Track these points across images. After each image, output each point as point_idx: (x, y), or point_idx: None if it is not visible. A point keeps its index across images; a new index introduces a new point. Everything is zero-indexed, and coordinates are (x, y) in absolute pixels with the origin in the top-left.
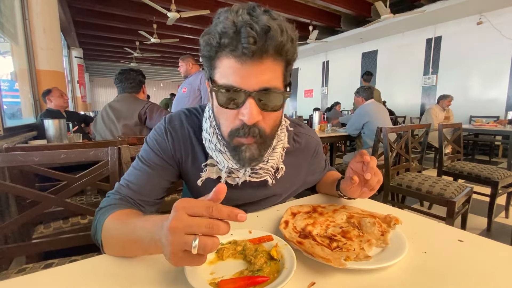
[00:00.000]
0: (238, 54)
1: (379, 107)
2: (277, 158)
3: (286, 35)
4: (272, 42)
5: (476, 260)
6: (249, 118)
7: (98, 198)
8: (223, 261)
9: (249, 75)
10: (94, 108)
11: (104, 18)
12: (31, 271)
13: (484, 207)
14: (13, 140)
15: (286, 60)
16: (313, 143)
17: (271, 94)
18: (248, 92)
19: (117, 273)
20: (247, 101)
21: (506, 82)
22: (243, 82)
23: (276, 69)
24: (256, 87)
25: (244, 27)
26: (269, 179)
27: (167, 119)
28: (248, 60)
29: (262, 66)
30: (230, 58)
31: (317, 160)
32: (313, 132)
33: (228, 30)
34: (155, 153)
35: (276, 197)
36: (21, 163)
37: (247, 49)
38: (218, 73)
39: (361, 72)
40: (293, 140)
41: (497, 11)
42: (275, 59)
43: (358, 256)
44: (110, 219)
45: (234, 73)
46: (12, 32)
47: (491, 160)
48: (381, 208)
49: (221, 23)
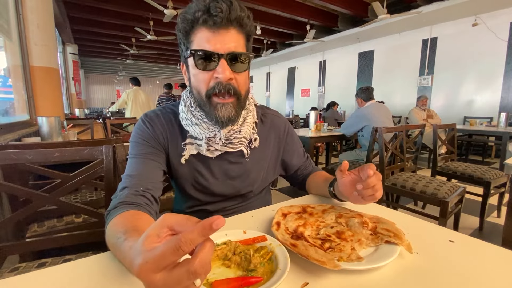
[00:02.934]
0: (209, 24)
1: (380, 109)
2: (249, 129)
3: (245, 11)
4: (234, 13)
5: (466, 260)
6: (224, 75)
7: (93, 196)
8: (217, 262)
9: (220, 41)
10: (89, 105)
11: (100, 14)
12: (24, 270)
13: (477, 207)
14: (6, 138)
15: (246, 33)
16: (280, 121)
17: (238, 55)
18: (220, 54)
19: (111, 273)
20: (220, 62)
21: (499, 84)
22: (215, 47)
23: (239, 38)
24: (226, 50)
25: (212, 2)
26: (244, 150)
27: (143, 115)
28: (217, 29)
29: (229, 34)
30: (204, 30)
31: (290, 140)
32: (280, 114)
33: (200, 7)
34: (141, 144)
35: (251, 173)
36: (14, 161)
37: (216, 17)
38: (195, 44)
39: (357, 71)
40: (260, 120)
41: (492, 13)
42: (238, 31)
43: (350, 257)
44: (115, 223)
45: (208, 41)
46: (5, 27)
47: (484, 161)
48: (374, 208)
49: (194, 4)
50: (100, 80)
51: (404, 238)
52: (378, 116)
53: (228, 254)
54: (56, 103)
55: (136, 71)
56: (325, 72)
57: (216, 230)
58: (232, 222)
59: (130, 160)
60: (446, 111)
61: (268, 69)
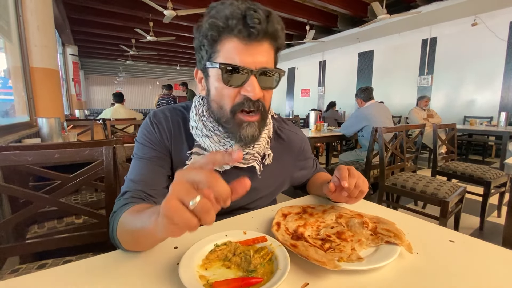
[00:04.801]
0: (243, 35)
1: (379, 109)
2: (263, 144)
3: (281, 23)
4: (271, 26)
5: (467, 260)
6: (254, 93)
7: (93, 197)
8: (218, 263)
9: (251, 55)
10: (89, 106)
11: (100, 15)
12: (24, 272)
13: (477, 207)
14: (6, 139)
15: (277, 46)
16: (297, 140)
17: (270, 72)
18: (252, 70)
19: (111, 274)
20: (250, 79)
21: (499, 83)
22: (247, 62)
23: (270, 53)
24: (258, 66)
25: (250, 11)
26: (257, 166)
27: (152, 114)
28: (250, 41)
29: (261, 48)
30: (234, 41)
31: (304, 157)
32: (298, 129)
33: (235, 13)
34: (147, 146)
35: (260, 191)
36: (14, 163)
37: (254, 28)
38: (221, 56)
39: (357, 72)
40: (276, 134)
41: (491, 12)
42: (271, 43)
43: (351, 257)
44: (124, 216)
45: (239, 53)
46: (5, 29)
47: (484, 160)
48: (374, 208)
49: (226, 9)
50: (100, 81)
51: (404, 238)
52: (378, 116)
53: (228, 255)
54: (56, 104)
55: (136, 72)
56: (325, 73)
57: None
58: (232, 223)
59: (134, 161)
60: (446, 111)
61: None
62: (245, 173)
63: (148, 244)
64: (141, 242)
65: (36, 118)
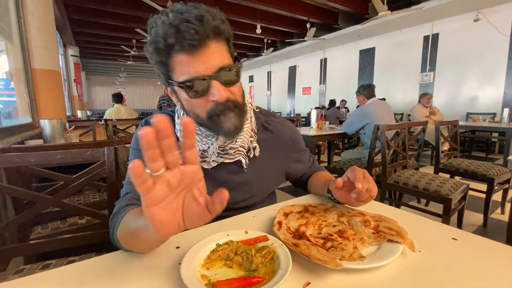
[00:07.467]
0: (186, 48)
1: (381, 106)
2: (246, 137)
3: (217, 18)
4: (209, 27)
5: (469, 258)
6: (220, 96)
7: (96, 198)
8: (219, 262)
9: (203, 62)
10: (91, 107)
11: (101, 16)
12: (29, 272)
13: (480, 204)
14: (9, 141)
15: (225, 39)
16: (286, 131)
17: (227, 70)
18: (209, 75)
19: (115, 274)
20: (211, 84)
21: (502, 79)
22: (201, 70)
23: (221, 49)
24: (213, 69)
25: (183, 23)
26: (243, 159)
27: (144, 120)
28: (196, 50)
29: (209, 50)
30: (181, 56)
31: (297, 149)
32: (288, 121)
33: (170, 32)
34: (140, 152)
35: (254, 185)
36: (17, 164)
37: (192, 40)
38: (176, 73)
39: (358, 69)
40: (263, 127)
41: (493, 8)
42: (217, 40)
43: (353, 256)
44: (126, 217)
45: (190, 65)
46: (6, 31)
47: (487, 157)
48: (376, 206)
49: (159, 28)
50: (102, 82)
51: (406, 237)
52: (380, 113)
53: (230, 255)
54: (58, 106)
55: (137, 72)
56: (326, 70)
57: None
58: (233, 222)
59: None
60: (449, 108)
61: (269, 68)
62: (233, 167)
63: (148, 244)
64: (141, 243)
65: (38, 119)
